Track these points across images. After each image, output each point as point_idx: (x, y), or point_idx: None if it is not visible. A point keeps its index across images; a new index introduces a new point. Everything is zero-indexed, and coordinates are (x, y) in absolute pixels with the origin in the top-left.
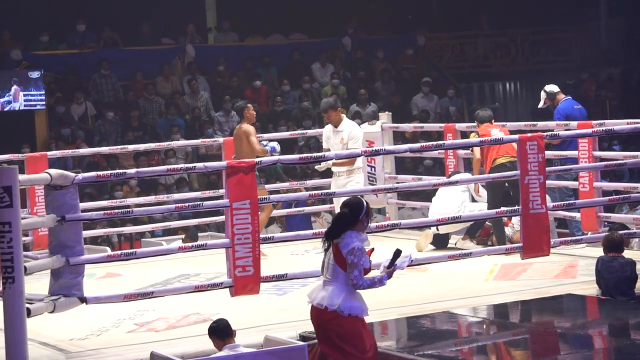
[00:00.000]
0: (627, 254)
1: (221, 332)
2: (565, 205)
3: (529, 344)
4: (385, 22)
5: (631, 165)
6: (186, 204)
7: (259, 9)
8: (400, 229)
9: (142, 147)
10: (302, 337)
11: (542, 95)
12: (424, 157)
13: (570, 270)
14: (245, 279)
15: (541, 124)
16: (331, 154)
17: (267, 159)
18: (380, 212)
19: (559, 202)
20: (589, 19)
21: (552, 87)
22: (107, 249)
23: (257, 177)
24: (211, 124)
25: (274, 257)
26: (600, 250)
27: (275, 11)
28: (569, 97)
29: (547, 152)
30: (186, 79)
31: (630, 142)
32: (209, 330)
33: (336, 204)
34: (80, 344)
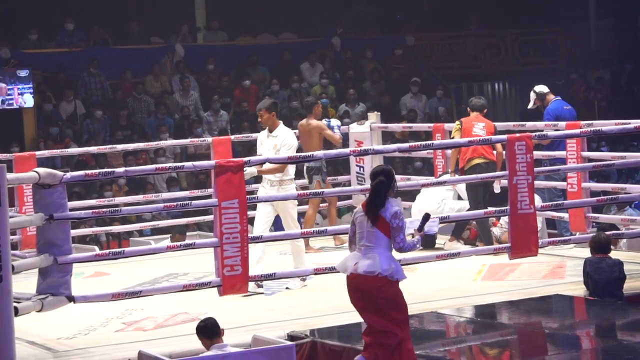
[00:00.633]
0: (615, 254)
1: (209, 331)
2: (553, 205)
3: (517, 344)
4: (374, 22)
5: (619, 166)
6: (175, 203)
7: (248, 9)
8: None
9: (131, 146)
10: (290, 337)
11: (532, 95)
12: (412, 157)
13: (558, 270)
14: (233, 278)
15: (530, 124)
16: (321, 154)
17: (255, 159)
18: None
19: (548, 203)
20: (578, 20)
21: (542, 88)
22: (95, 248)
23: (323, 172)
24: (200, 123)
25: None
26: (588, 250)
27: (264, 11)
28: (559, 98)
29: (536, 153)
30: (178, 78)
31: (618, 142)
32: (196, 329)
33: (282, 212)
34: (67, 343)
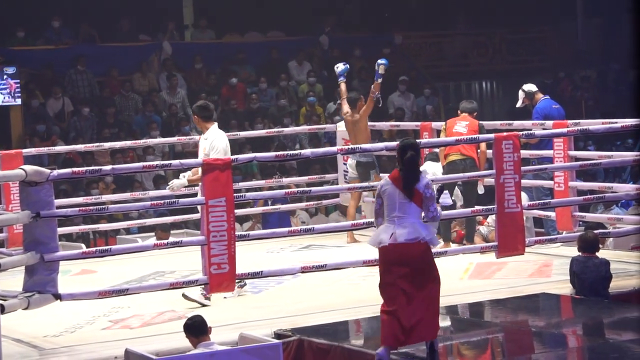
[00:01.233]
0: (602, 253)
1: (196, 329)
2: (540, 204)
3: (504, 342)
4: (362, 21)
5: (606, 165)
6: (162, 201)
7: (236, 7)
8: (376, 226)
9: (118, 144)
10: (277, 335)
11: (521, 94)
12: None
13: (544, 269)
14: (220, 277)
15: (517, 123)
16: (308, 152)
17: (242, 157)
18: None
19: (535, 202)
20: (566, 19)
21: (531, 87)
22: (82, 245)
23: (377, 166)
24: (187, 121)
25: (249, 255)
26: (574, 249)
27: (252, 9)
28: (547, 97)
29: (524, 152)
30: (165, 76)
31: (604, 141)
32: (184, 327)
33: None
34: (54, 340)
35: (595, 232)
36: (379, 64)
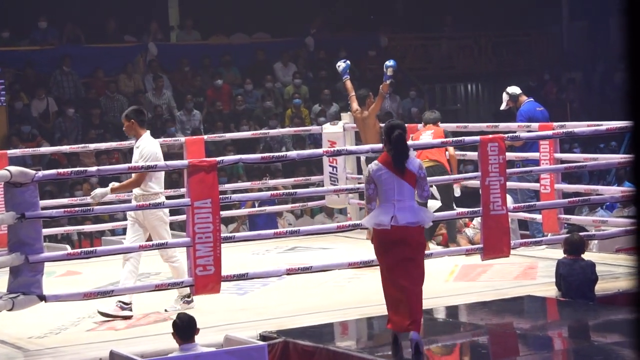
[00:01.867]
0: (587, 255)
1: (181, 330)
2: (526, 206)
3: (489, 345)
4: (348, 23)
5: (591, 167)
6: (147, 202)
7: (222, 8)
8: (361, 229)
9: (103, 145)
10: (262, 337)
11: (505, 97)
12: None
13: (530, 271)
14: (206, 278)
15: (503, 126)
16: (294, 154)
17: (228, 159)
18: (341, 212)
19: (520, 204)
20: (551, 22)
21: (514, 89)
22: (67, 247)
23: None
24: (173, 122)
25: (235, 256)
26: (560, 252)
27: (238, 10)
28: (531, 99)
29: (509, 154)
30: (151, 77)
31: (590, 144)
32: (172, 325)
33: (152, 232)
34: (38, 342)
35: (580, 234)
36: (387, 66)
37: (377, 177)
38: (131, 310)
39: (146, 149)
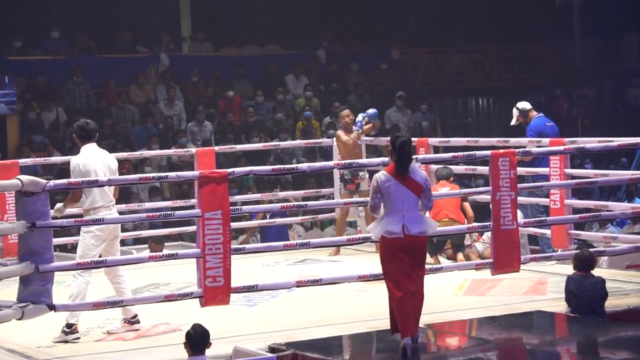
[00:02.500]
0: (597, 272)
1: (194, 343)
2: (536, 222)
3: None
4: (360, 36)
5: (602, 183)
6: (157, 213)
7: (234, 20)
8: (371, 242)
9: (115, 156)
10: (271, 349)
11: (515, 112)
12: None
13: (539, 287)
14: (215, 290)
15: (514, 140)
16: (305, 166)
17: (239, 170)
18: (351, 225)
19: (530, 219)
20: (563, 37)
21: (525, 105)
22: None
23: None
24: (184, 133)
25: (244, 268)
26: (569, 267)
27: (250, 22)
28: (542, 114)
29: (519, 169)
30: (163, 88)
31: (601, 160)
32: (185, 335)
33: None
34: (47, 351)
35: (590, 250)
36: (367, 114)
37: (384, 188)
38: (77, 331)
39: (71, 164)
